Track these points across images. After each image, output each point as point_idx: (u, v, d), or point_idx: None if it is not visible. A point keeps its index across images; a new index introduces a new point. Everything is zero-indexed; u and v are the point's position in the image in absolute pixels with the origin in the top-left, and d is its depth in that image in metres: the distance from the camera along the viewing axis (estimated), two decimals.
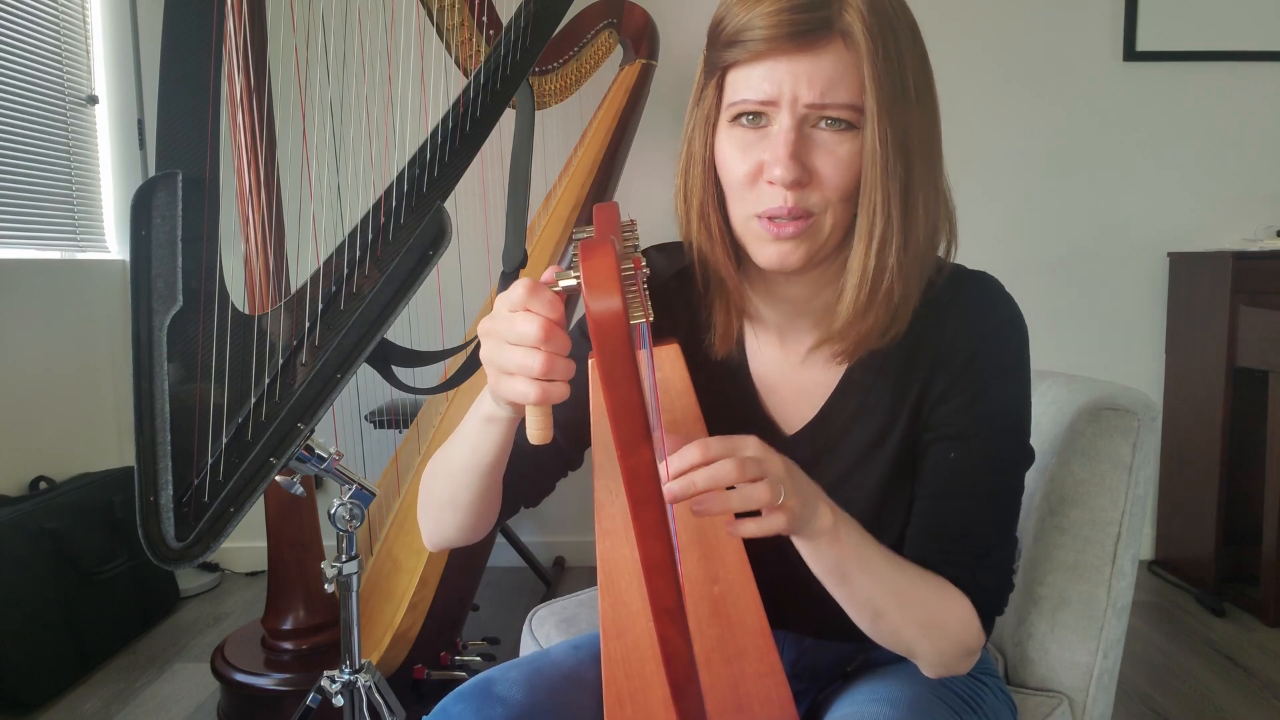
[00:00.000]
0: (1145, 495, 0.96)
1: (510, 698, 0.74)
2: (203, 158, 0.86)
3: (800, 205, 0.63)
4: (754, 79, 0.63)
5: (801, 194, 0.63)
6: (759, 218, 0.65)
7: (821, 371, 0.75)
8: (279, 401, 0.90)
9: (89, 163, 2.42)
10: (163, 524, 0.83)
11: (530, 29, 1.09)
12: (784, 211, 0.63)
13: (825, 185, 0.63)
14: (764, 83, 0.62)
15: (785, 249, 0.65)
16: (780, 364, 0.77)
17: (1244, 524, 2.28)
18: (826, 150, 0.63)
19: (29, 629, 1.79)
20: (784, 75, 0.61)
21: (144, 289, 0.84)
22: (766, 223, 0.65)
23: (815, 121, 0.63)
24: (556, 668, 0.81)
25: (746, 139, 0.65)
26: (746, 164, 0.65)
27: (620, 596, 0.73)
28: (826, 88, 0.61)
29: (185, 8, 0.85)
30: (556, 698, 0.77)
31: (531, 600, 2.35)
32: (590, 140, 2.16)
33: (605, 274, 0.45)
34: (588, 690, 0.80)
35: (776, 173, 0.62)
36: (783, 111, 0.62)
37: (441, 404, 1.94)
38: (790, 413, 0.77)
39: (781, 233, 0.64)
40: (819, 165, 0.63)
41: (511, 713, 0.73)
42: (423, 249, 0.99)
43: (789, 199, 0.63)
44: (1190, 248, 2.48)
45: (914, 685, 0.77)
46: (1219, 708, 1.76)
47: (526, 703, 0.74)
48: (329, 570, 1.08)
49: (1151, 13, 2.44)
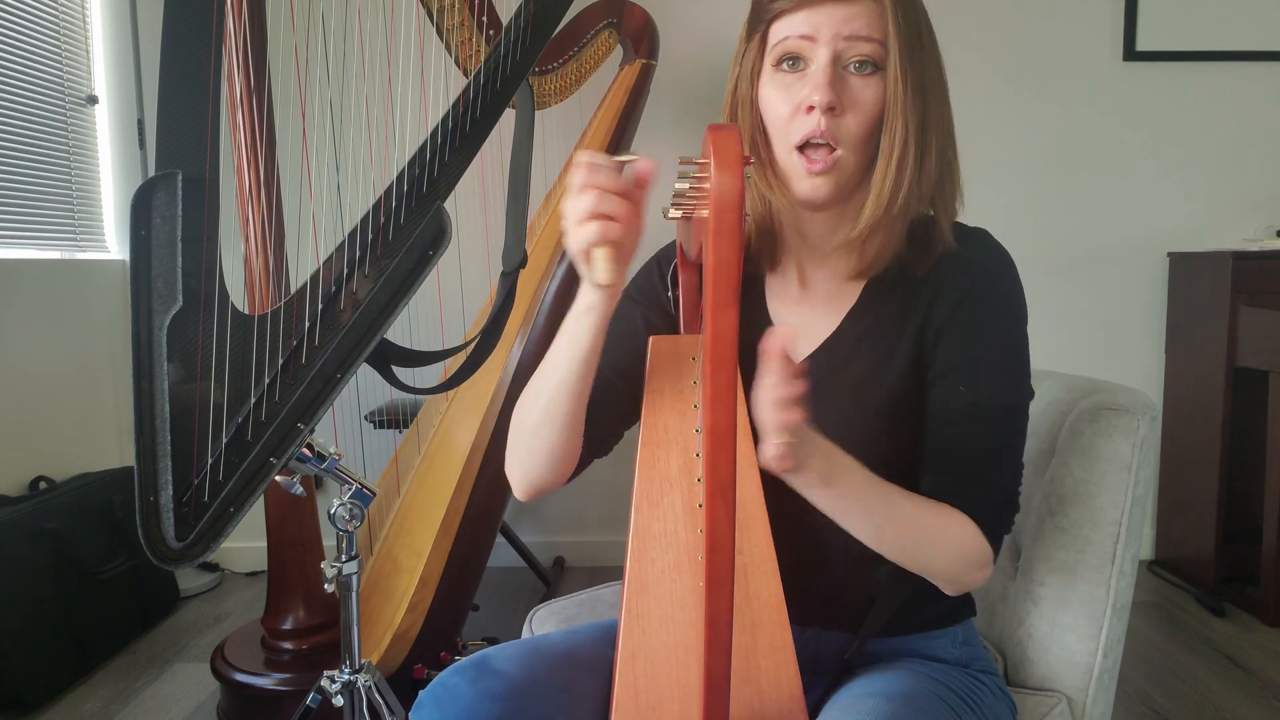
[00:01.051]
0: (1145, 495, 0.95)
1: (507, 671, 0.76)
2: (203, 157, 0.86)
3: (831, 131, 0.73)
4: (796, 23, 0.74)
5: (834, 121, 0.73)
6: (797, 150, 0.75)
7: (830, 304, 0.85)
8: (279, 401, 0.90)
9: (89, 163, 2.42)
10: (163, 524, 0.83)
11: (530, 29, 1.09)
12: (818, 133, 0.73)
13: (851, 119, 0.74)
14: (804, 25, 0.73)
15: (818, 183, 0.75)
16: (796, 298, 0.87)
17: (1244, 524, 2.28)
18: (855, 90, 0.74)
19: (29, 629, 1.79)
20: (822, 19, 0.73)
21: (144, 289, 0.84)
22: (801, 157, 0.75)
23: (846, 63, 0.73)
24: (554, 647, 0.83)
25: (787, 80, 0.75)
26: (788, 104, 0.75)
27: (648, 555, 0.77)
28: (858, 28, 0.72)
29: (185, 8, 0.85)
30: (554, 674, 0.79)
31: (531, 600, 2.35)
32: (590, 140, 2.16)
33: (733, 150, 0.53)
34: (585, 667, 0.82)
35: (815, 98, 0.72)
36: (820, 48, 0.73)
37: (441, 404, 1.94)
38: (799, 341, 0.85)
39: (813, 168, 0.74)
40: (848, 98, 0.74)
41: (508, 684, 0.75)
42: (423, 249, 0.99)
43: (822, 123, 0.73)
44: (1190, 247, 2.48)
45: (911, 680, 0.78)
46: (1219, 708, 1.76)
47: (523, 676, 0.76)
48: (329, 570, 1.08)
49: (1151, 13, 2.44)
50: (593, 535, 2.66)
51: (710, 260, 0.54)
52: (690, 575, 0.78)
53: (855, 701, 0.73)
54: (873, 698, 0.73)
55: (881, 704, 0.71)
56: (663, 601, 0.75)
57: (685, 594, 0.76)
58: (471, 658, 0.79)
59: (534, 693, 0.76)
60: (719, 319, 0.54)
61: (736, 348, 0.54)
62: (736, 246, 0.53)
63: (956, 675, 0.83)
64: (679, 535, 0.78)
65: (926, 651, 0.87)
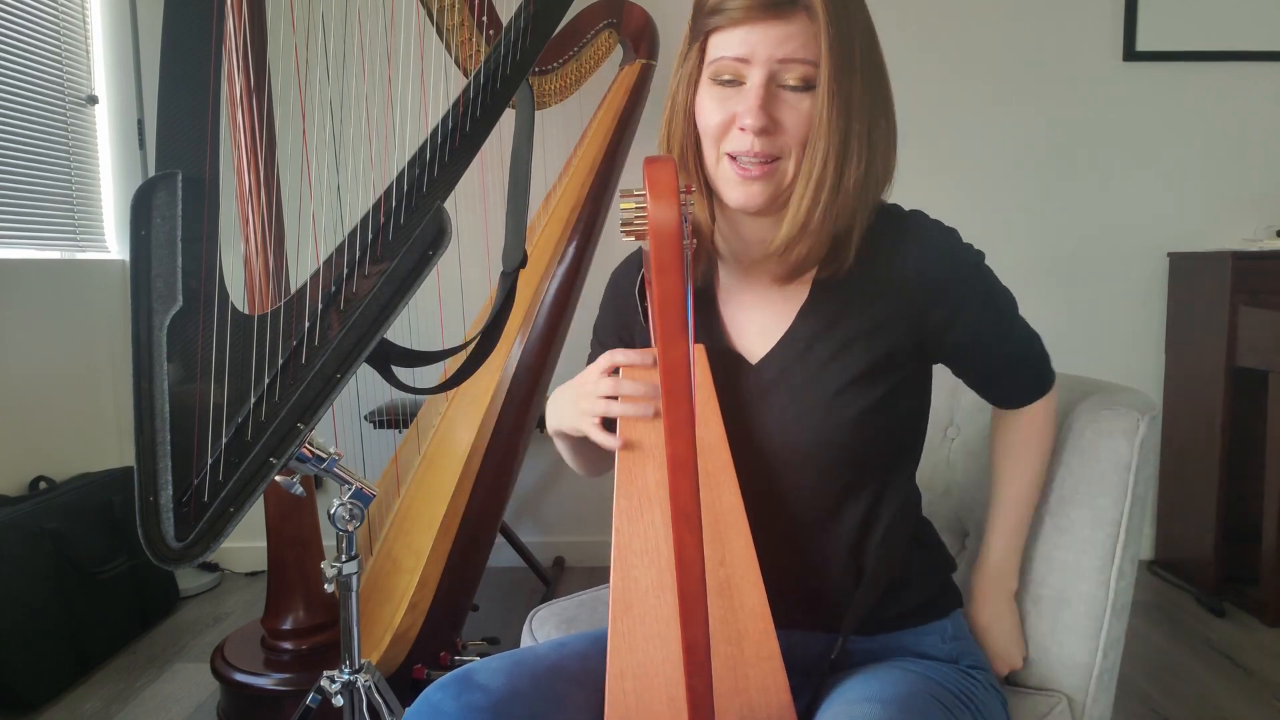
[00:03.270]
0: (1145, 495, 0.96)
1: (490, 685, 0.76)
2: (202, 157, 0.86)
3: (765, 150, 0.75)
4: (733, 41, 0.74)
5: (767, 140, 0.75)
6: (729, 158, 0.77)
7: (782, 305, 0.85)
8: (279, 401, 0.90)
9: (89, 163, 2.42)
10: (162, 524, 0.83)
11: (530, 29, 1.09)
12: (750, 153, 0.75)
13: (787, 134, 0.75)
14: (740, 46, 0.74)
15: (753, 190, 0.77)
16: (744, 300, 0.87)
17: (1243, 524, 2.27)
18: (789, 106, 0.75)
19: (29, 629, 1.79)
20: (758, 39, 0.73)
21: (144, 289, 0.84)
22: (735, 165, 0.76)
23: (781, 81, 0.74)
24: (540, 660, 0.83)
25: (723, 94, 0.76)
26: (721, 114, 0.76)
27: (630, 573, 0.77)
28: (792, 49, 0.73)
29: (185, 8, 0.85)
30: (540, 687, 0.79)
31: (531, 600, 2.35)
32: (590, 140, 2.16)
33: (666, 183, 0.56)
34: (573, 680, 0.81)
35: (747, 121, 0.74)
36: (755, 69, 0.74)
37: (441, 404, 1.94)
38: (755, 342, 0.86)
39: (748, 174, 0.76)
40: (783, 117, 0.75)
41: (491, 698, 0.75)
42: (423, 249, 0.98)
43: (755, 144, 0.74)
44: (1190, 248, 2.48)
45: (905, 682, 0.78)
46: (1219, 708, 1.76)
47: (507, 688, 0.76)
48: (329, 570, 1.08)
49: (1151, 13, 2.44)
50: (593, 535, 2.66)
51: (656, 294, 0.55)
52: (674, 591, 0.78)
53: (849, 707, 0.72)
54: (867, 703, 0.72)
55: (876, 709, 0.71)
56: (647, 619, 0.74)
57: (670, 611, 0.76)
58: (455, 673, 0.79)
59: (519, 706, 0.76)
60: (671, 352, 0.56)
61: (690, 379, 0.56)
62: (680, 280, 0.55)
63: (949, 673, 0.83)
64: (661, 551, 0.78)
65: (916, 649, 0.87)
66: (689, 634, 0.61)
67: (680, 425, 0.57)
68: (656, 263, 0.55)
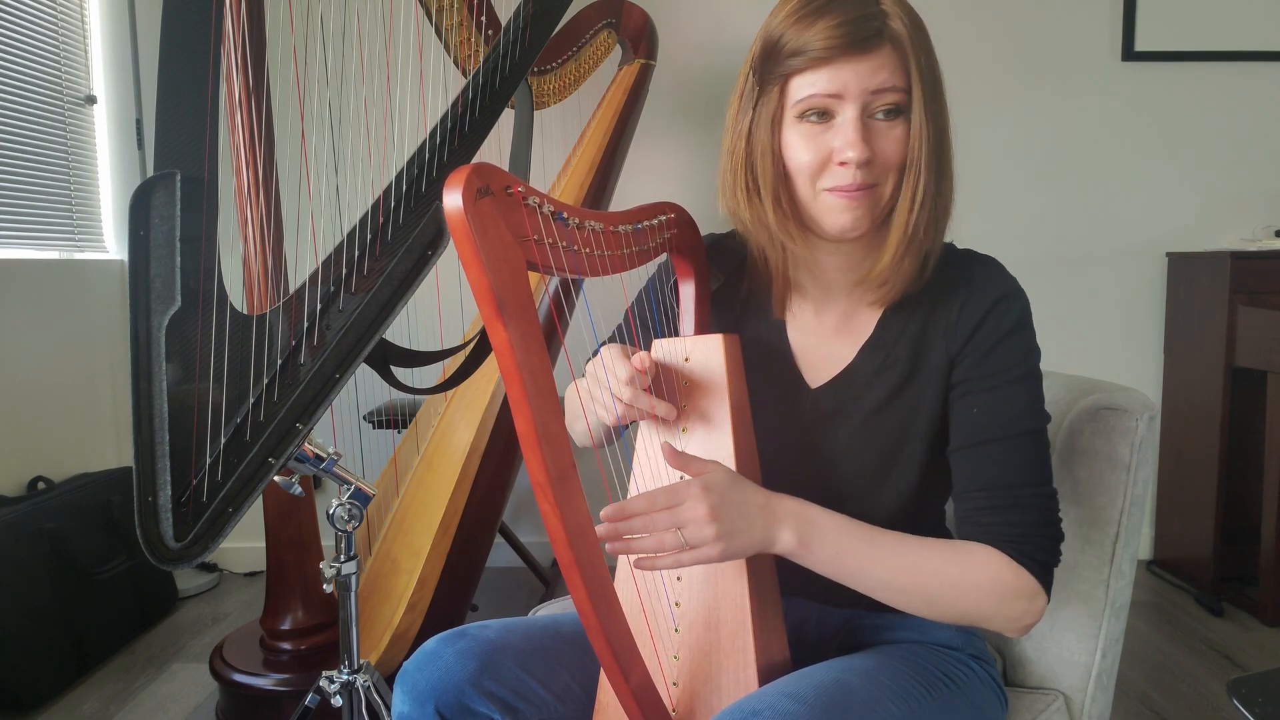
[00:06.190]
0: (1144, 495, 0.95)
1: (484, 635, 0.83)
2: (201, 158, 0.86)
3: (865, 181, 0.76)
4: (821, 80, 0.75)
5: (867, 170, 0.76)
6: (830, 192, 0.77)
7: (848, 339, 0.88)
8: (277, 402, 0.90)
9: (87, 163, 2.42)
10: (161, 524, 0.83)
11: (529, 29, 1.09)
12: (854, 186, 0.76)
13: (884, 162, 0.77)
14: (830, 83, 0.75)
15: (859, 214, 0.77)
16: (814, 330, 0.90)
17: (1242, 524, 2.28)
18: (882, 134, 0.76)
19: (28, 629, 1.79)
20: (849, 75, 0.74)
21: (142, 289, 0.84)
22: (839, 195, 0.77)
23: (872, 112, 0.76)
24: (533, 622, 0.89)
25: (811, 132, 0.77)
26: (813, 153, 0.77)
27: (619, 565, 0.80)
28: (882, 80, 0.74)
29: (184, 8, 0.85)
30: (532, 640, 0.84)
31: (530, 600, 2.35)
32: (589, 140, 2.16)
33: (455, 176, 0.59)
34: (566, 640, 0.86)
35: (849, 154, 0.75)
36: (848, 104, 0.75)
37: (440, 404, 1.94)
38: (818, 370, 0.89)
39: (852, 199, 0.77)
40: (878, 147, 0.76)
41: (486, 645, 0.81)
42: (421, 249, 0.99)
43: (858, 176, 0.75)
44: (1189, 247, 2.49)
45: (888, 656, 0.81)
46: (1218, 707, 1.76)
47: (501, 639, 0.83)
48: (328, 570, 1.08)
49: (1151, 13, 2.44)
50: None
51: (471, 283, 0.60)
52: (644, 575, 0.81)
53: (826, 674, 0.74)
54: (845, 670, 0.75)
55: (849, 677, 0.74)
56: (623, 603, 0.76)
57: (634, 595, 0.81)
58: (453, 629, 0.85)
59: (511, 653, 0.82)
60: (494, 336, 0.60)
61: (516, 359, 0.60)
62: (481, 270, 0.59)
63: (946, 657, 0.85)
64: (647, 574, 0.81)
65: (922, 629, 0.88)
66: (576, 598, 0.65)
67: (518, 404, 0.60)
68: (460, 256, 0.60)
